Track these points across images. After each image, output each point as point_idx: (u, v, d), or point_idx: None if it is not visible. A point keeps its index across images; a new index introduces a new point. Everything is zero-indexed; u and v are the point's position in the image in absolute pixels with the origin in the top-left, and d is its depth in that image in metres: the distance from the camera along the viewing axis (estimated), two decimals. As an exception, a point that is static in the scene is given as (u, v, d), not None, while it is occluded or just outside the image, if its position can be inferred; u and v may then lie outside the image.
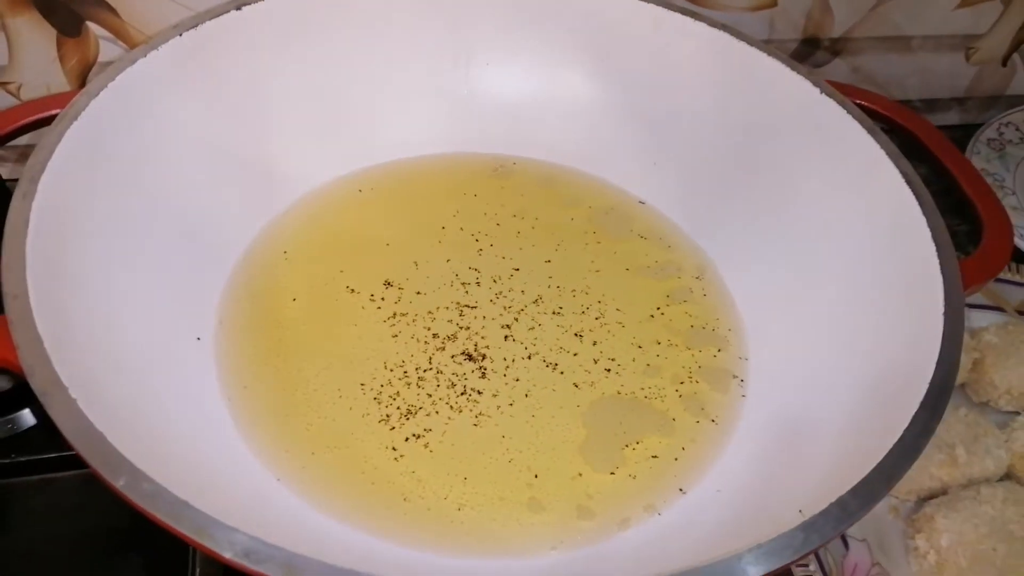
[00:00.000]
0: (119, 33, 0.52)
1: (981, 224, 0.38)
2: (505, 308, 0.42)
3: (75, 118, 0.35)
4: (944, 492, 0.44)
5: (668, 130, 0.47)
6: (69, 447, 0.26)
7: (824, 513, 0.26)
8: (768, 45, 0.44)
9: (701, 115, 0.46)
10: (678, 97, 0.47)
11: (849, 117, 0.40)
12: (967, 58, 0.66)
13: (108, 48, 0.52)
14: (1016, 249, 0.56)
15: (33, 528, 0.41)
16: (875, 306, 0.37)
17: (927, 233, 0.35)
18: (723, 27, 0.45)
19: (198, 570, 0.38)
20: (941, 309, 0.32)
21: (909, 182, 0.36)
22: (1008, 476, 0.46)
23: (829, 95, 0.41)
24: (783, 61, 0.43)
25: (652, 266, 0.45)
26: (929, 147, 0.40)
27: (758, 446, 0.37)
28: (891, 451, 0.28)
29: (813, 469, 0.33)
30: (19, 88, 0.53)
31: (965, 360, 0.49)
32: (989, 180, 0.62)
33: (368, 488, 0.35)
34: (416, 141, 0.49)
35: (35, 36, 0.51)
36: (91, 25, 0.51)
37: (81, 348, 0.30)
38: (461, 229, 0.46)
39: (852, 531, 0.43)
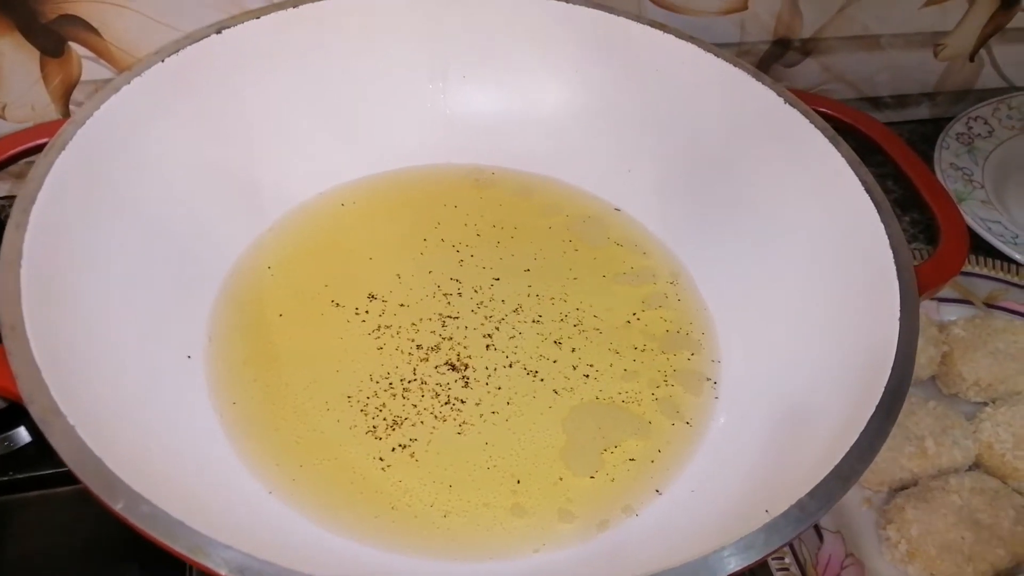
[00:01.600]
0: (102, 53, 0.53)
1: (938, 226, 0.39)
2: (486, 318, 0.44)
3: (63, 148, 0.36)
4: (915, 483, 0.46)
5: (641, 138, 0.49)
6: (66, 464, 0.27)
7: (785, 515, 0.28)
8: (739, 51, 0.45)
9: (671, 124, 0.48)
10: (649, 106, 0.48)
11: (811, 126, 0.41)
12: (935, 54, 0.67)
13: (91, 68, 0.53)
14: (984, 243, 0.57)
15: (30, 544, 0.42)
16: (836, 310, 0.38)
17: (885, 240, 0.36)
18: (691, 38, 0.46)
19: (194, 582, 0.39)
20: (897, 314, 0.34)
21: (868, 190, 0.38)
22: (976, 466, 0.48)
23: (792, 104, 0.42)
24: (748, 71, 0.44)
25: (628, 272, 0.47)
26: (889, 153, 0.42)
27: (731, 447, 0.38)
28: (848, 453, 0.29)
29: (784, 469, 0.34)
30: (3, 108, 0.54)
31: (934, 353, 0.51)
32: (959, 174, 0.63)
33: (357, 498, 0.37)
34: (396, 154, 0.50)
35: (18, 57, 0.51)
36: (73, 45, 0.52)
37: (77, 374, 0.31)
38: (442, 240, 0.47)
39: (826, 523, 0.45)
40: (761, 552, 0.27)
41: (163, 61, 0.41)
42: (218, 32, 0.43)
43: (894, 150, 0.41)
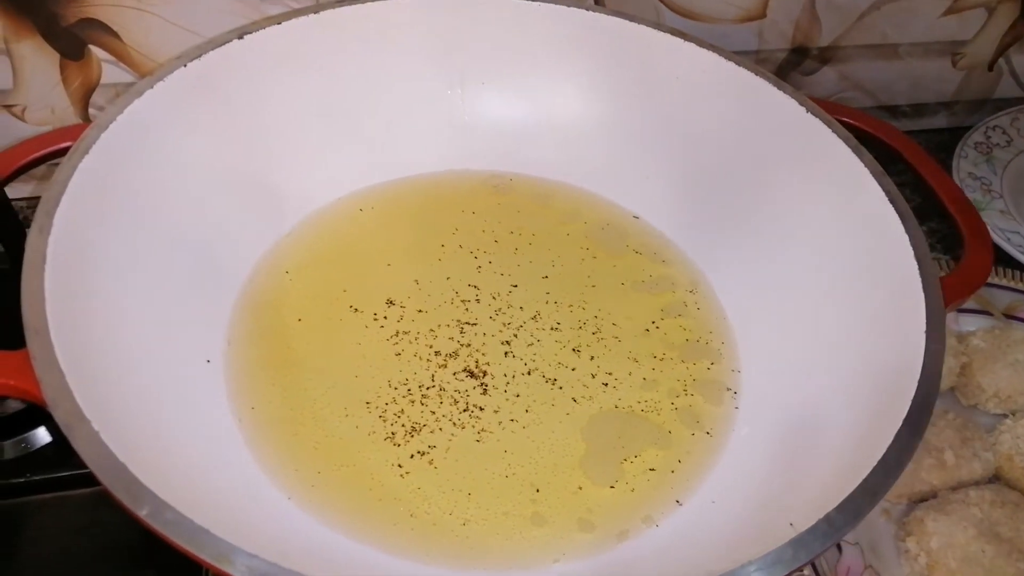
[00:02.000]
0: (121, 56, 0.53)
1: (963, 238, 0.39)
2: (505, 324, 0.44)
3: (86, 152, 0.36)
4: (934, 495, 0.46)
5: (660, 146, 0.49)
6: (83, 466, 0.27)
7: (812, 530, 0.28)
8: (757, 59, 0.45)
9: (691, 132, 0.47)
10: (669, 114, 0.48)
11: (834, 136, 0.41)
12: (954, 64, 0.67)
13: (111, 71, 0.53)
14: (1004, 253, 0.57)
15: (48, 546, 0.42)
16: (861, 322, 0.38)
17: (910, 251, 0.36)
18: (711, 47, 0.46)
19: (212, 585, 0.39)
20: (923, 327, 0.33)
21: (892, 200, 0.38)
22: (996, 478, 0.47)
23: (814, 113, 0.42)
24: (770, 80, 0.44)
25: (647, 280, 0.46)
26: (912, 163, 0.41)
27: (751, 458, 0.38)
28: (875, 469, 0.29)
29: (805, 481, 0.34)
30: (24, 111, 0.54)
31: (953, 364, 0.50)
32: (977, 183, 0.63)
33: (376, 505, 0.37)
34: (415, 160, 0.50)
35: (39, 60, 0.52)
36: (93, 49, 0.52)
37: (100, 379, 0.31)
38: (460, 246, 0.47)
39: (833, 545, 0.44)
40: (788, 567, 0.27)
41: (185, 66, 0.41)
42: (240, 38, 0.43)
43: (916, 160, 0.41)
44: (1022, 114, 0.68)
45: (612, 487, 0.38)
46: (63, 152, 0.37)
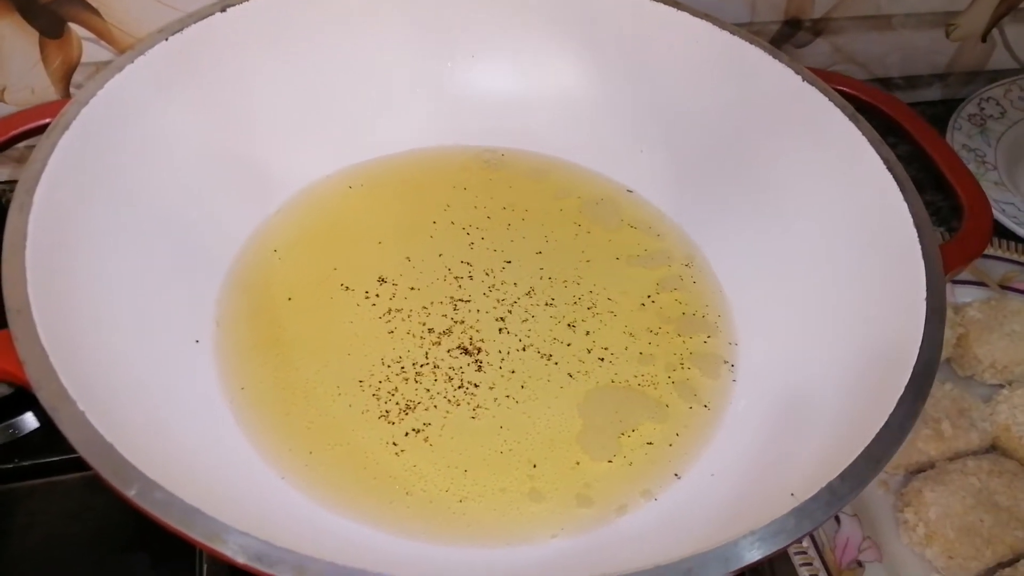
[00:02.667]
0: (102, 34, 0.52)
1: (962, 206, 0.38)
2: (498, 301, 0.43)
3: (66, 127, 0.35)
4: (931, 466, 0.45)
5: (654, 119, 0.48)
6: (73, 451, 0.27)
7: (815, 498, 0.27)
8: (750, 31, 0.44)
9: (685, 103, 0.47)
10: (663, 86, 0.47)
11: (831, 104, 0.40)
12: (947, 35, 0.66)
13: (91, 49, 0.52)
14: (998, 224, 0.57)
15: (38, 532, 0.42)
16: (859, 291, 0.37)
17: (909, 219, 0.36)
18: (705, 16, 0.45)
19: (205, 568, 0.39)
20: (923, 294, 0.33)
21: (890, 168, 0.37)
22: (993, 448, 0.47)
23: (811, 82, 0.41)
24: (765, 49, 0.43)
25: (642, 255, 0.46)
26: (910, 131, 0.41)
27: (750, 430, 0.38)
28: (878, 435, 0.29)
29: (804, 452, 0.34)
30: (3, 91, 0.53)
31: (950, 335, 0.50)
32: (971, 155, 0.63)
33: (371, 483, 0.36)
34: (404, 136, 0.49)
35: (17, 39, 0.51)
36: (73, 26, 0.51)
37: (85, 359, 0.31)
38: (452, 223, 0.47)
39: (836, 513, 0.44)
40: (791, 536, 0.26)
41: (167, 40, 0.40)
42: (222, 10, 0.42)
43: (915, 128, 0.41)
44: (1015, 85, 0.68)
45: (610, 461, 0.38)
46: (42, 129, 0.36)
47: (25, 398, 0.44)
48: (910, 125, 0.41)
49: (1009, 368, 0.49)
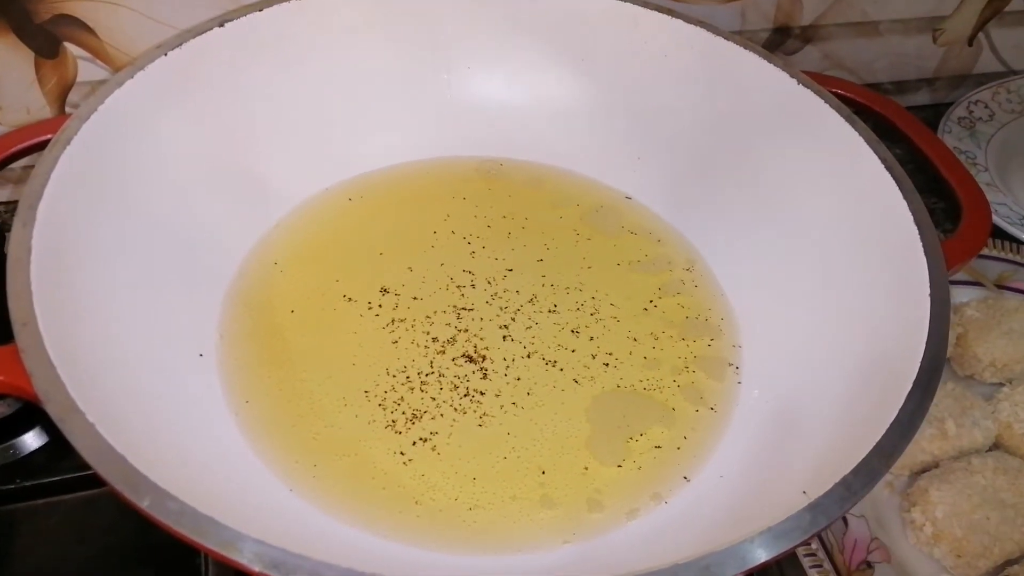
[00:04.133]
0: (97, 53, 0.52)
1: (959, 204, 0.39)
2: (501, 309, 0.43)
3: (67, 143, 0.35)
4: (936, 465, 0.45)
5: (651, 126, 0.48)
6: (76, 469, 0.26)
7: (829, 494, 0.27)
8: (741, 36, 0.45)
9: (682, 110, 0.47)
10: (659, 93, 0.48)
11: (827, 106, 0.41)
12: (934, 40, 0.67)
13: (87, 68, 0.52)
14: (993, 225, 0.57)
15: (41, 552, 0.41)
16: (863, 290, 0.38)
17: (909, 217, 0.36)
18: (699, 23, 0.45)
19: (210, 583, 0.38)
20: (927, 290, 0.33)
21: (889, 168, 0.37)
22: (996, 446, 0.47)
23: (806, 85, 0.42)
24: (759, 54, 0.44)
25: (643, 260, 0.46)
26: (905, 132, 0.41)
27: (757, 431, 0.38)
28: (888, 430, 0.29)
29: (813, 451, 0.34)
30: (-2, 112, 0.53)
31: (949, 335, 0.50)
32: (961, 158, 0.63)
33: (380, 493, 0.36)
34: (403, 147, 0.50)
35: (12, 59, 0.50)
36: (68, 46, 0.51)
37: (92, 372, 0.30)
38: (453, 232, 0.47)
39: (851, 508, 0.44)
40: (805, 532, 0.26)
41: (166, 55, 0.41)
42: (220, 25, 0.43)
43: (910, 129, 0.41)
44: (1003, 88, 0.68)
45: (619, 466, 0.37)
46: (42, 146, 0.36)
47: (24, 418, 0.43)
48: (905, 126, 0.42)
49: (1009, 366, 0.50)
